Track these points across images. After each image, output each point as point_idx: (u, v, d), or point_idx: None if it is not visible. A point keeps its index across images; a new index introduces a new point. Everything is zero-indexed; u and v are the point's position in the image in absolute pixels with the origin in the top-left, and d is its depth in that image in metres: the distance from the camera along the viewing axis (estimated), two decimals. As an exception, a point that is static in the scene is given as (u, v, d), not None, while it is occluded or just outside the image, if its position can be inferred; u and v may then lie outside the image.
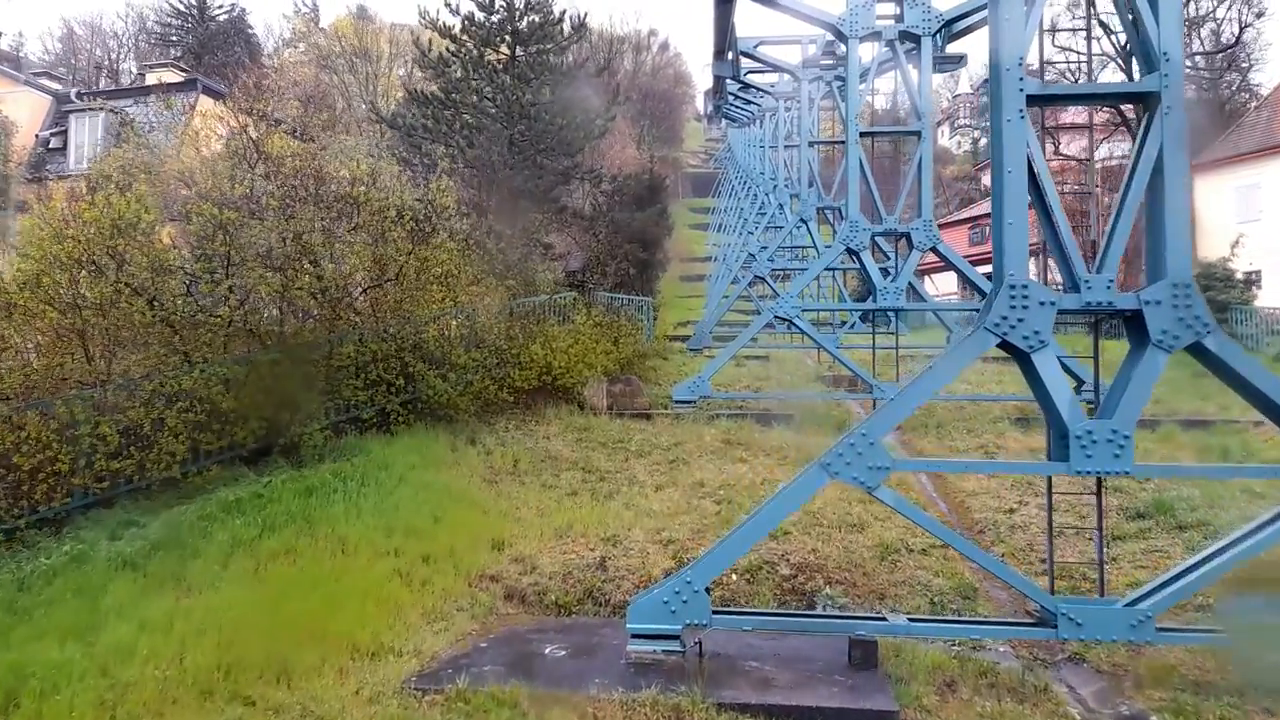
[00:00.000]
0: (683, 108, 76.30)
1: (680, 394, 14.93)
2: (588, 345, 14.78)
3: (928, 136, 14.66)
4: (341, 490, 9.63)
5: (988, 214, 15.03)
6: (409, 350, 11.85)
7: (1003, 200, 6.95)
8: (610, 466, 11.85)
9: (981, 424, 14.20)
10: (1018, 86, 6.88)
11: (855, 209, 14.82)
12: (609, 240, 19.09)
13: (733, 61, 22.82)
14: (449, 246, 12.14)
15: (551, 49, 16.95)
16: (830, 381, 19.33)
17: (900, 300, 14.53)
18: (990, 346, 6.88)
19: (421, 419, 12.15)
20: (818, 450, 13.01)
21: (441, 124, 16.20)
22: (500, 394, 12.86)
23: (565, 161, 17.42)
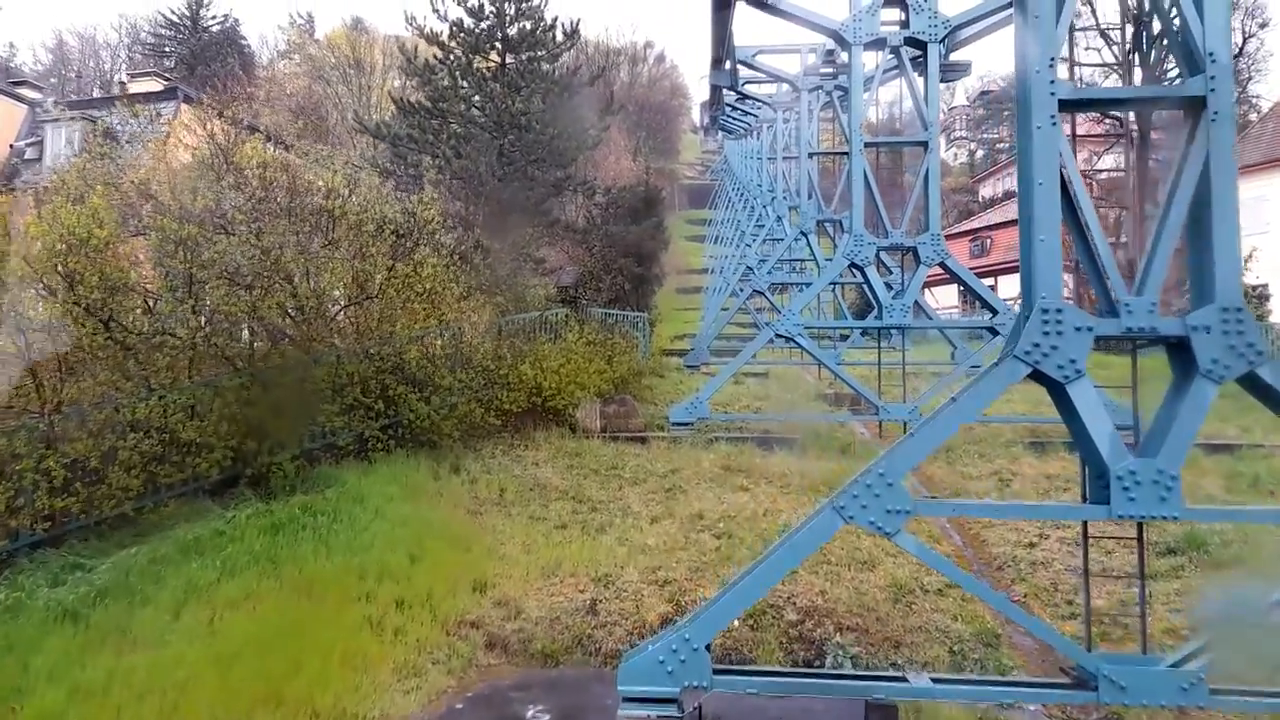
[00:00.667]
0: (679, 119, 76.04)
1: (677, 416, 14.24)
2: (580, 365, 14.11)
3: (935, 147, 14.05)
4: (311, 526, 8.92)
5: (989, 226, 14.46)
6: (389, 372, 11.17)
7: (1032, 215, 6.29)
8: (603, 496, 11.15)
9: (993, 448, 13.53)
10: (1049, 90, 6.24)
11: (859, 222, 14.19)
12: (603, 254, 18.45)
13: (730, 71, 22.27)
14: (433, 262, 11.47)
15: (543, 56, 16.33)
16: (832, 400, 18.67)
17: (907, 317, 13.88)
18: (1020, 376, 6.22)
19: (403, 445, 11.45)
20: (823, 476, 12.39)
21: (428, 134, 15.56)
22: (487, 418, 12.17)
23: (557, 173, 16.78)
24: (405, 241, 10.95)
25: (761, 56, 22.33)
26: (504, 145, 15.98)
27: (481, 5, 15.78)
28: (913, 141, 14.54)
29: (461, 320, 13.11)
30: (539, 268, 16.53)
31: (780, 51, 22.70)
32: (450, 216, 13.79)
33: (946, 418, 6.30)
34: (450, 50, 15.92)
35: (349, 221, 10.15)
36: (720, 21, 19.16)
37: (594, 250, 18.50)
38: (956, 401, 6.31)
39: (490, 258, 13.88)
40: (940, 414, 6.33)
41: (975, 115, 78.13)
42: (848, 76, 14.76)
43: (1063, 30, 6.42)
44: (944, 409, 6.40)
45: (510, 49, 16.30)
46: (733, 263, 35.75)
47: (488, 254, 13.94)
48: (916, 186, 14.24)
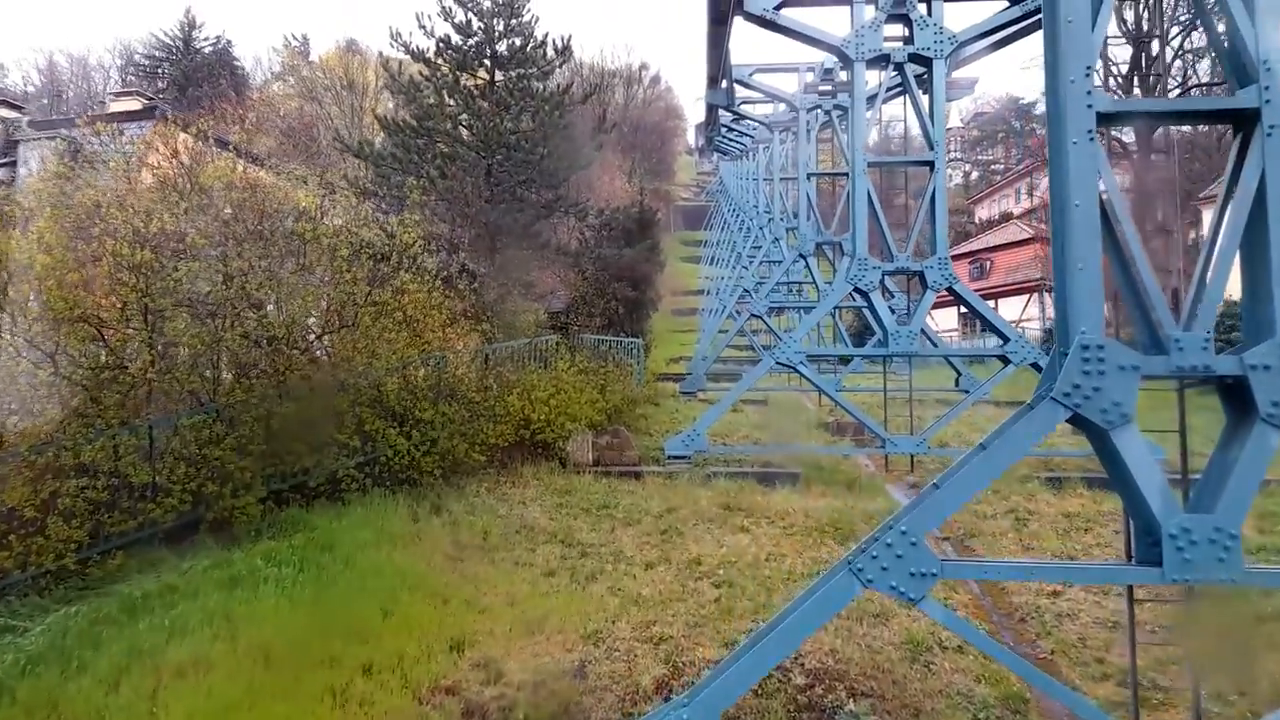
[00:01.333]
0: (674, 141, 75.93)
1: (674, 448, 13.54)
2: (571, 395, 13.42)
3: (942, 167, 13.47)
4: (274, 579, 8.17)
5: (988, 249, 13.85)
6: (365, 405, 10.45)
7: (1067, 240, 5.64)
8: (594, 539, 10.41)
9: (1007, 482, 12.80)
10: (1085, 101, 5.61)
11: (863, 246, 13.57)
12: (596, 278, 17.81)
13: (727, 90, 21.80)
14: (414, 288, 10.81)
15: (534, 74, 15.77)
16: (834, 429, 18.01)
17: (914, 345, 13.23)
18: (1059, 422, 5.55)
19: (380, 484, 10.72)
20: (828, 515, 11.67)
21: (412, 153, 14.95)
22: (471, 453, 11.45)
23: (548, 194, 16.18)
24: (384, 266, 10.29)
25: (759, 75, 21.87)
26: (492, 165, 15.35)
27: (469, 21, 15.24)
28: (918, 161, 13.95)
29: (446, 348, 12.42)
30: (528, 292, 15.89)
31: (778, 70, 22.26)
32: (435, 239, 13.15)
33: (977, 470, 5.61)
34: (437, 68, 15.33)
35: (322, 245, 9.50)
36: (716, 39, 18.68)
37: (586, 274, 17.85)
38: (987, 451, 5.62)
39: (476, 282, 13.23)
40: (969, 465, 5.63)
41: (970, 136, 78.08)
42: (849, 95, 14.21)
43: (1099, 36, 5.81)
44: (972, 459, 5.71)
45: (499, 66, 15.72)
46: (729, 284, 35.24)
47: (474, 278, 13.29)
48: (922, 208, 13.64)
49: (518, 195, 15.45)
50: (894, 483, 14.22)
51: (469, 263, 13.54)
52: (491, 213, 14.75)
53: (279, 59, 67.41)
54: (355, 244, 10.01)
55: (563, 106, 15.65)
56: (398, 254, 10.62)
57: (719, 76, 21.68)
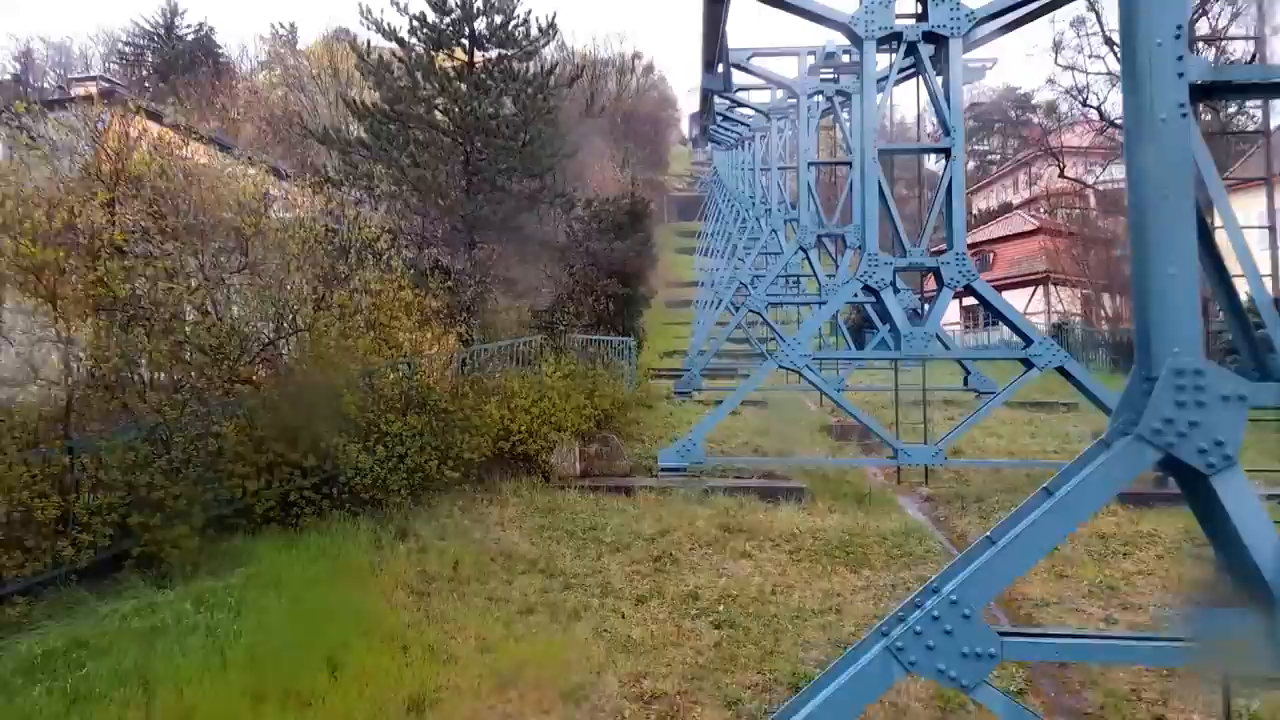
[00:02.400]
0: (668, 131, 74.86)
1: (668, 460, 12.47)
2: (556, 402, 12.33)
3: (960, 154, 12.38)
4: (205, 627, 7.07)
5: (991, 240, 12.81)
6: (323, 418, 9.35)
7: (1151, 240, 4.56)
8: (578, 567, 9.33)
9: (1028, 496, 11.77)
10: (1176, 69, 4.52)
11: (873, 240, 12.49)
12: (584, 274, 16.72)
13: (724, 75, 20.62)
14: (378, 287, 9.70)
15: (515, 54, 14.59)
16: (838, 432, 17.00)
17: (930, 347, 12.16)
18: (1148, 465, 4.48)
19: (340, 506, 9.62)
20: (837, 537, 10.57)
21: (383, 140, 13.77)
22: (443, 470, 10.35)
23: (531, 183, 15.03)
24: (342, 264, 9.19)
25: (757, 60, 20.73)
26: (470, 153, 14.18)
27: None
28: (933, 149, 12.87)
29: (417, 353, 11.32)
30: (510, 290, 14.78)
31: (776, 54, 21.11)
32: (405, 233, 12.06)
33: (1045, 526, 4.54)
34: (410, 47, 14.13)
35: (268, 241, 8.39)
36: (712, 19, 17.50)
37: (574, 269, 16.74)
38: (1055, 500, 4.55)
39: (452, 279, 12.14)
40: (1034, 519, 4.56)
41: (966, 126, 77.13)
42: (858, 77, 13.11)
43: (1195, -14, 4.73)
44: (1036, 510, 4.64)
45: (478, 46, 14.52)
46: (724, 276, 34.16)
47: (449, 275, 12.19)
48: (937, 199, 12.55)
49: (498, 185, 14.28)
50: (906, 494, 13.19)
51: (443, 258, 12.42)
52: (469, 204, 13.60)
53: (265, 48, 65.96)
54: (308, 239, 8.90)
55: (547, 89, 14.49)
56: (357, 250, 9.50)
57: (715, 60, 20.52)
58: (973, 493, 12.50)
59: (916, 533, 10.53)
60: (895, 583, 9.14)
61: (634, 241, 17.57)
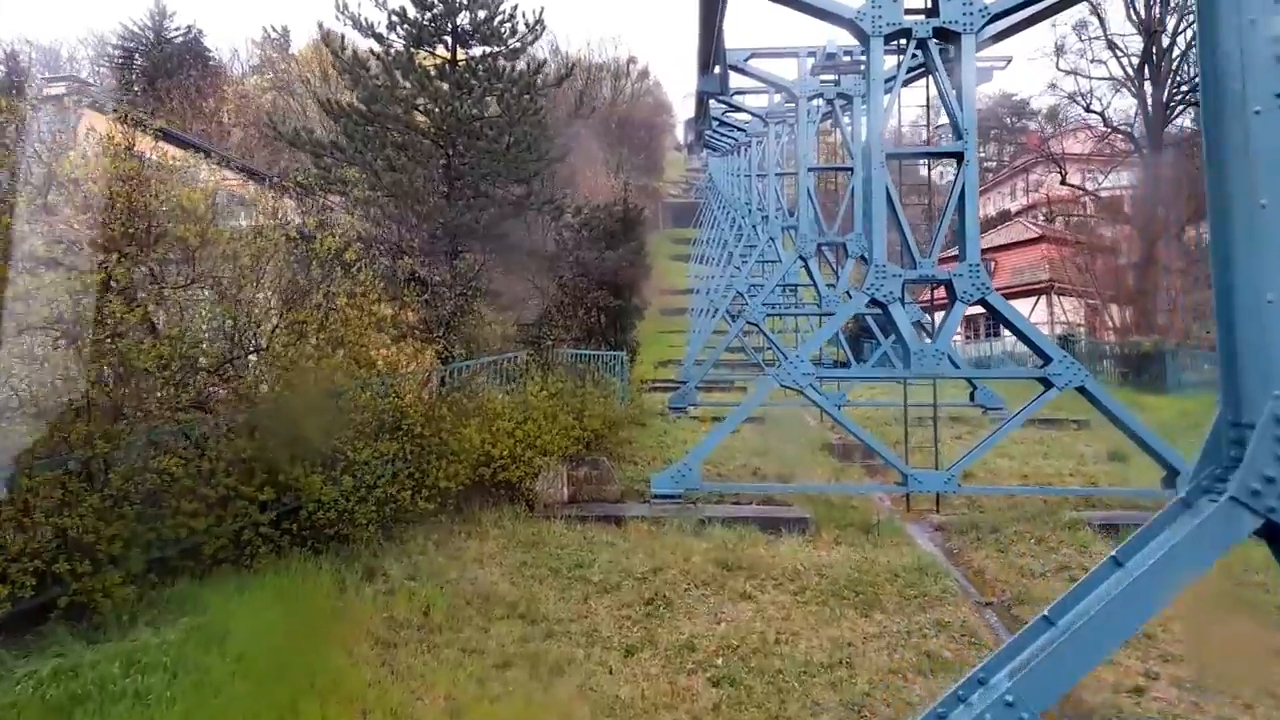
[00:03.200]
0: (663, 136, 74.30)
1: (661, 485, 11.64)
2: (541, 424, 11.50)
3: (973, 158, 11.61)
4: (134, 693, 6.20)
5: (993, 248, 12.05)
6: (281, 447, 8.50)
7: (1245, 258, 3.76)
8: (562, 611, 8.48)
9: (1050, 527, 10.97)
10: (1273, 50, 3.75)
11: (881, 250, 11.70)
12: (574, 285, 15.94)
13: (720, 76, 19.88)
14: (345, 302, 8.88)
15: (501, 52, 13.80)
16: (839, 452, 16.21)
17: (941, 366, 11.37)
18: (1246, 534, 3.68)
19: (302, 543, 8.76)
20: (846, 575, 9.65)
21: (357, 142, 12.95)
22: (417, 501, 9.51)
23: (517, 189, 14.24)
24: (303, 277, 8.36)
25: (754, 61, 20.00)
26: (451, 156, 13.37)
27: (428, -10, 13.28)
28: (945, 152, 12.11)
29: (391, 371, 10.50)
30: (494, 302, 13.98)
31: (775, 55, 20.38)
32: (380, 242, 11.26)
33: (1120, 612, 3.71)
34: (389, 44, 13.33)
35: (218, 252, 7.56)
36: (709, 18, 16.79)
37: (563, 280, 15.95)
38: (1132, 580, 3.72)
39: (429, 292, 11.33)
40: (1108, 603, 3.73)
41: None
42: (865, 76, 12.34)
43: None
44: (1109, 588, 3.82)
45: (461, 43, 13.72)
46: (720, 284, 33.44)
47: (426, 287, 11.38)
48: (949, 207, 11.79)
49: (481, 190, 13.47)
50: (916, 521, 12.37)
51: (420, 268, 11.61)
52: (449, 210, 12.78)
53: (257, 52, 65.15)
54: (265, 250, 8.08)
55: (534, 89, 13.69)
56: (321, 261, 8.68)
57: (711, 61, 19.79)
58: (987, 521, 11.68)
59: (930, 569, 9.70)
60: (910, 629, 8.31)
61: (626, 250, 16.77)
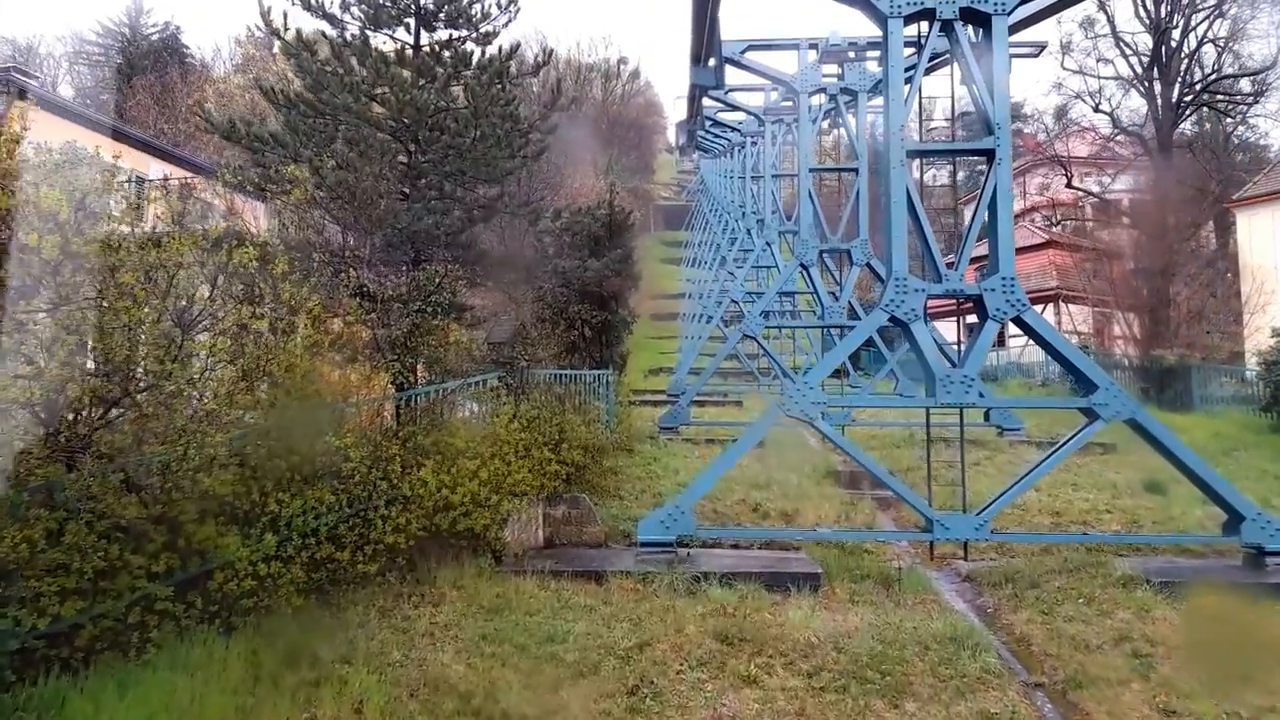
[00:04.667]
0: (654, 138, 73.01)
1: (649, 532, 10.11)
2: (512, 460, 9.96)
3: (1006, 157, 10.15)
4: None
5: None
6: (187, 501, 6.95)
7: None
8: (527, 706, 6.92)
9: (1100, 584, 9.47)
10: None
11: (901, 262, 10.23)
12: (553, 297, 14.43)
13: (715, 70, 18.42)
14: (260, 327, 7.34)
15: (471, 36, 12.24)
16: (846, 479, 14.74)
17: (970, 394, 9.89)
18: None
19: (210, 618, 7.19)
20: (866, 648, 7.86)
21: (301, 135, 11.36)
22: (356, 561, 7.97)
23: (489, 190, 12.69)
24: (193, 306, 6.82)
25: (751, 54, 18.54)
26: (413, 153, 11.84)
27: (388, -35, 11.68)
28: (974, 150, 10.66)
29: (336, 400, 8.96)
30: (461, 319, 12.44)
31: (773, 47, 18.94)
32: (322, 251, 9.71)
33: None
34: (343, 25, 11.74)
35: (88, 267, 6.01)
36: (702, 3, 15.29)
37: (541, 292, 14.43)
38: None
39: (381, 308, 9.80)
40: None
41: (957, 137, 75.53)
42: (882, 63, 10.89)
43: None
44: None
45: (425, 24, 12.15)
46: (713, 289, 32.05)
47: (377, 303, 9.86)
48: (978, 212, 10.32)
49: (446, 192, 11.92)
50: (940, 569, 10.91)
51: (369, 281, 10.06)
52: (406, 215, 11.21)
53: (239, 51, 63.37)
54: (156, 264, 6.53)
55: (506, 75, 12.14)
56: (240, 277, 7.16)
57: (705, 54, 18.33)
58: (1023, 571, 10.19)
59: (966, 638, 8.19)
60: (952, 724, 6.83)
61: (612, 259, 15.24)
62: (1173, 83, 32.00)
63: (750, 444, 10.53)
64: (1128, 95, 38.06)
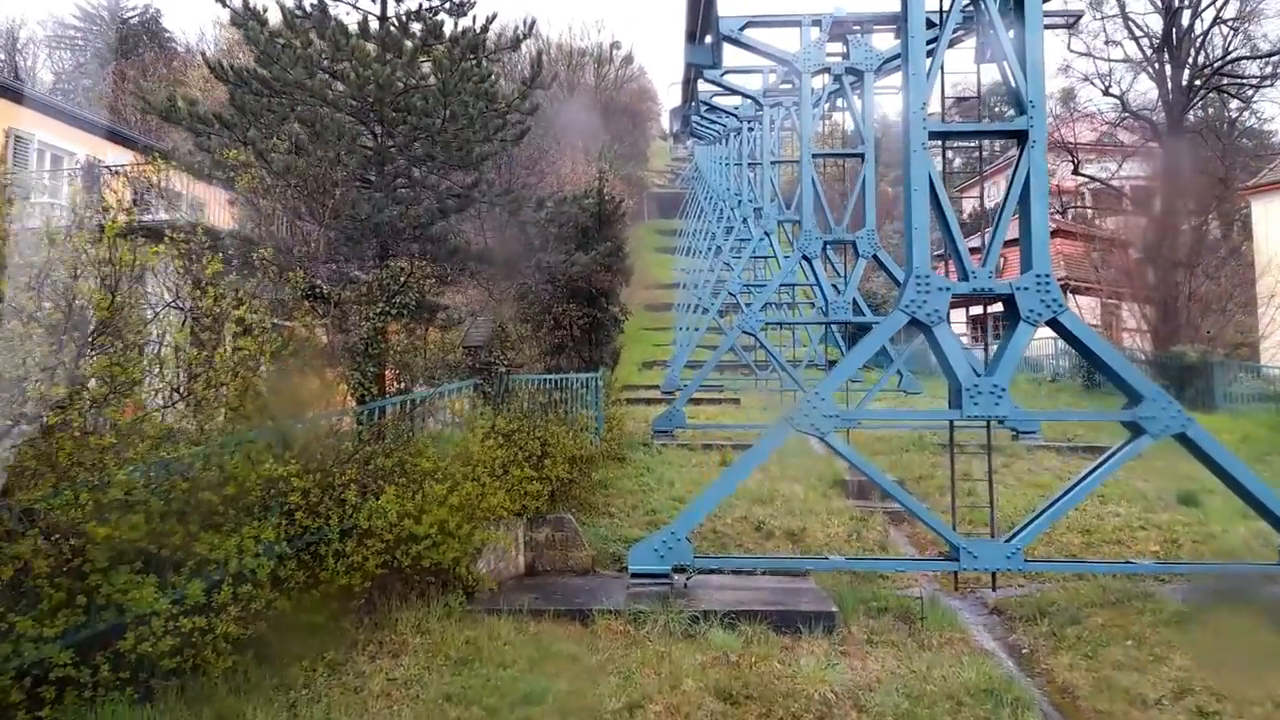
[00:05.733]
0: (648, 124, 71.68)
1: (642, 561, 9.02)
2: (486, 482, 8.85)
3: (1041, 139, 9.04)
4: None
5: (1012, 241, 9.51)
6: (96, 546, 5.85)
7: None
8: (496, 791, 5.87)
9: (1146, 621, 8.41)
10: None
11: (924, 258, 9.12)
12: (536, 296, 13.30)
13: (711, 47, 17.22)
14: (174, 337, 6.21)
15: (444, 5, 10.97)
16: (854, 490, 13.73)
17: (1002, 406, 8.81)
18: None
19: (123, 684, 6.08)
20: (891, 707, 6.69)
21: (249, 116, 10.13)
22: (301, 612, 6.87)
23: (462, 177, 11.48)
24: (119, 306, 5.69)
25: (750, 31, 17.31)
26: (379, 136, 10.63)
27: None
28: (1005, 131, 9.53)
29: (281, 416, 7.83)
30: (433, 320, 11.29)
31: (774, 23, 17.74)
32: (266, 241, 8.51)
33: None
34: (299, -6, 10.51)
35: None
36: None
37: (523, 289, 13.26)
38: None
39: (336, 310, 8.64)
40: None
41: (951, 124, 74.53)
42: (903, 35, 9.73)
43: None
44: None
45: (391, -8, 10.94)
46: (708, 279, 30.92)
47: (332, 305, 8.70)
48: (1008, 201, 9.20)
49: (414, 179, 10.76)
50: (962, 597, 9.87)
51: (320, 281, 8.87)
52: (366, 204, 10.01)
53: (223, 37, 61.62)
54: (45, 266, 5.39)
55: (482, 49, 10.90)
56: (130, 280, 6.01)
57: (701, 29, 17.12)
58: (1058, 603, 9.16)
59: (1004, 690, 7.13)
60: (999, 811, 5.79)
61: (601, 252, 14.08)
62: (1183, 65, 30.84)
63: (753, 464, 9.43)
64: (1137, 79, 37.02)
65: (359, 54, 10.08)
